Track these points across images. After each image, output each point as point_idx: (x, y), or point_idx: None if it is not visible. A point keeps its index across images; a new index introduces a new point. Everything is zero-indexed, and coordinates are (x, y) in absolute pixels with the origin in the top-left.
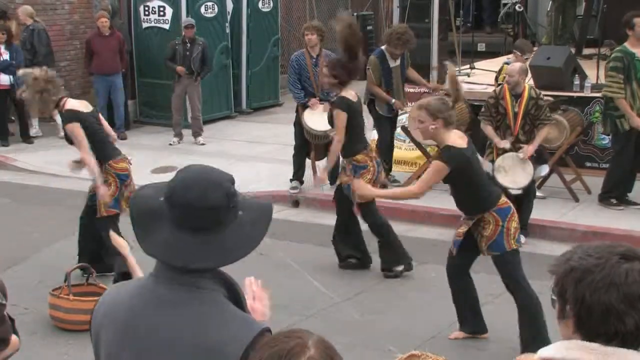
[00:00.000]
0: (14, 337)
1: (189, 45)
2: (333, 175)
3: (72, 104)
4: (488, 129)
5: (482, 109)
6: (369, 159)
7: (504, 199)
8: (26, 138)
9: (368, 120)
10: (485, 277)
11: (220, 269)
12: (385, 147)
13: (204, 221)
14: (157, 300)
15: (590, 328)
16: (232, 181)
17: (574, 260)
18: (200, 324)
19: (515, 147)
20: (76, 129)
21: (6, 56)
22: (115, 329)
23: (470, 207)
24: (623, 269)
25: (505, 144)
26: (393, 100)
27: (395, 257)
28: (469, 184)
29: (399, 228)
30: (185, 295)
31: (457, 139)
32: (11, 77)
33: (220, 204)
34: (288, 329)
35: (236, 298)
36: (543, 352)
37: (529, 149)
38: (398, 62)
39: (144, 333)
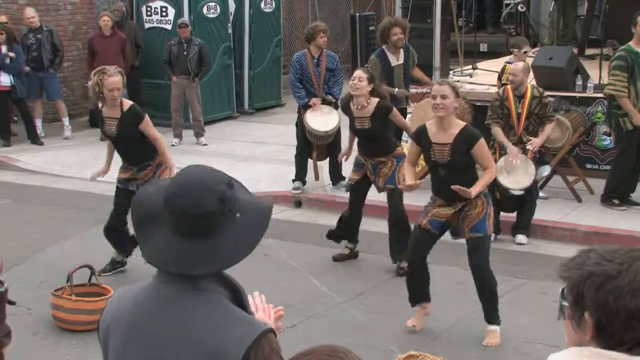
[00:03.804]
0: None
1: (185, 45)
2: (334, 174)
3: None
4: (498, 132)
5: (489, 112)
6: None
7: None
8: (35, 139)
9: None
10: None
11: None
12: None
13: (198, 227)
14: (160, 303)
15: (612, 335)
16: (229, 184)
17: (589, 265)
18: (201, 325)
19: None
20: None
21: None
22: (121, 333)
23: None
24: None
25: (516, 156)
26: (396, 90)
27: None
28: (473, 168)
29: None
30: (187, 297)
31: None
32: (11, 78)
33: (213, 209)
34: (329, 345)
35: (239, 300)
36: (554, 358)
37: (537, 142)
38: (401, 60)
39: (147, 336)
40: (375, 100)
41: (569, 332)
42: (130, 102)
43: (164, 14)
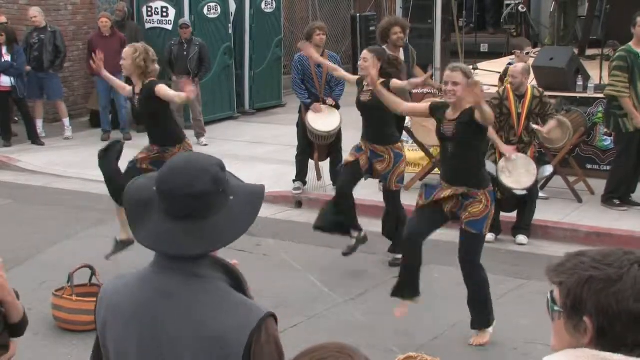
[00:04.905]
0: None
1: (185, 45)
2: (335, 175)
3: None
4: (491, 131)
5: None
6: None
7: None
8: (35, 140)
9: None
10: (490, 277)
11: (219, 256)
12: None
13: (192, 208)
14: (158, 292)
15: (614, 338)
16: (221, 166)
17: (585, 270)
18: (202, 313)
19: (519, 149)
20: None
21: (7, 58)
22: (120, 324)
23: (473, 178)
24: None
25: (511, 154)
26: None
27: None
28: (479, 153)
29: None
30: (185, 285)
31: None
32: (12, 79)
33: (207, 189)
34: (337, 342)
35: (238, 284)
36: None
37: (546, 129)
38: (401, 59)
39: (147, 326)
40: (381, 80)
41: (562, 336)
42: (152, 78)
43: (164, 14)
